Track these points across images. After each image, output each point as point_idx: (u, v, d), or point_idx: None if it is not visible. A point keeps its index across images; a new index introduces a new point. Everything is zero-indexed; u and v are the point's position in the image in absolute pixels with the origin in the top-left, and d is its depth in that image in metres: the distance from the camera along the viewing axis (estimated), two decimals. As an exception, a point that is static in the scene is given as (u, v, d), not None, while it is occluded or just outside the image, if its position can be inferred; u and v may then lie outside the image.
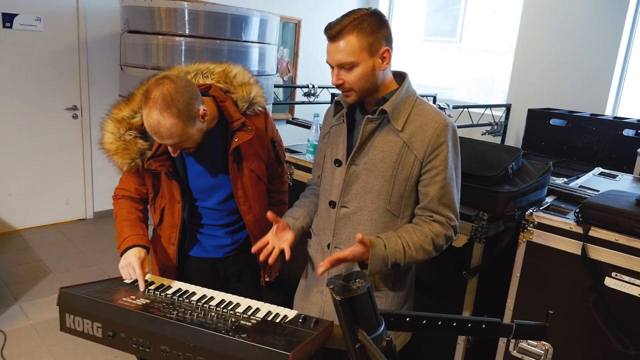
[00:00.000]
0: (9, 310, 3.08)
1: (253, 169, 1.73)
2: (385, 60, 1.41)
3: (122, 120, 1.60)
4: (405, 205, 1.50)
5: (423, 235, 1.45)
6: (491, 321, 1.09)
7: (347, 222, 1.53)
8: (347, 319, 0.91)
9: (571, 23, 4.89)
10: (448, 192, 1.45)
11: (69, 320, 1.42)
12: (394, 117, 1.44)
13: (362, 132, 1.46)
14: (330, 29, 1.39)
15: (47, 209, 4.47)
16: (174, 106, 1.42)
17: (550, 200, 2.09)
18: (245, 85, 1.70)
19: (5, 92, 4.04)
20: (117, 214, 1.76)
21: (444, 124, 1.44)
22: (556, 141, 4.29)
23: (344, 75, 1.41)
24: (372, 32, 1.37)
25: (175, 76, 1.48)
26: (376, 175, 1.47)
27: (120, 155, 1.59)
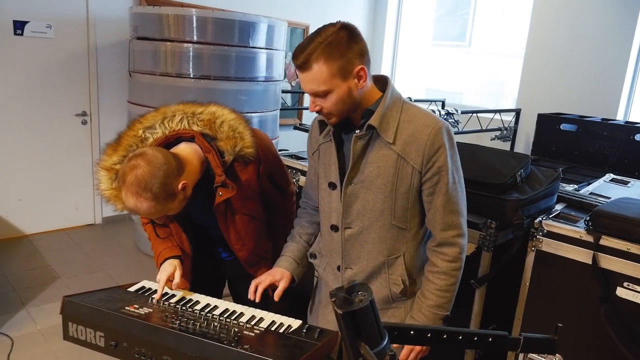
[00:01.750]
0: (16, 315, 3.10)
1: (244, 213, 1.69)
2: (361, 78, 1.34)
3: (111, 168, 1.58)
4: (411, 216, 1.46)
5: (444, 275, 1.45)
6: (498, 334, 1.07)
7: (354, 242, 1.50)
8: (349, 332, 0.89)
9: (581, 26, 4.84)
10: (452, 197, 1.42)
11: (72, 329, 1.42)
12: (382, 129, 1.38)
13: (353, 151, 1.41)
14: (296, 58, 1.32)
15: (56, 214, 4.50)
16: (148, 191, 1.40)
17: (560, 208, 2.06)
18: (230, 139, 1.60)
19: (16, 98, 4.08)
20: (149, 238, 1.78)
21: (437, 127, 1.37)
22: (566, 146, 4.24)
23: (320, 102, 1.35)
24: (341, 54, 1.29)
25: (151, 154, 1.44)
26: (375, 193, 1.42)
27: (114, 200, 1.58)
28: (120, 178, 1.45)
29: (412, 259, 1.50)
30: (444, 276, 1.45)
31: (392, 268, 1.49)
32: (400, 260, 1.49)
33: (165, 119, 1.62)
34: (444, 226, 1.43)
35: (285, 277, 1.63)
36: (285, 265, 1.65)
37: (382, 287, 1.51)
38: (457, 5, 6.43)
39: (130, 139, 1.60)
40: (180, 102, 1.68)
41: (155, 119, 1.63)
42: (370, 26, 6.72)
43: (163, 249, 1.71)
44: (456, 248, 1.44)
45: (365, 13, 6.62)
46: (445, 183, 1.40)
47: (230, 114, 1.65)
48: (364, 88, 1.37)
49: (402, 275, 1.49)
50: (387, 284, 1.50)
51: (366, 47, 1.35)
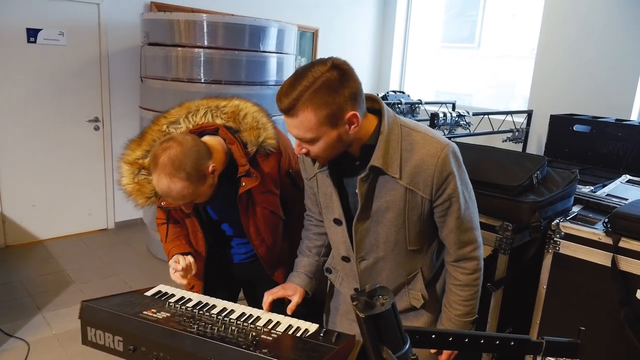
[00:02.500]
0: (32, 320, 3.12)
1: (265, 206, 1.70)
2: (352, 124, 1.23)
3: (134, 162, 1.60)
4: (426, 237, 1.45)
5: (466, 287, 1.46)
6: (521, 338, 1.05)
7: (370, 271, 1.49)
8: (372, 336, 0.88)
9: (593, 26, 4.80)
10: (465, 217, 1.39)
11: (90, 334, 1.42)
12: (387, 166, 1.30)
13: (360, 193, 1.34)
14: (280, 101, 1.20)
15: (69, 219, 4.54)
16: (182, 170, 1.41)
17: (577, 210, 2.04)
18: (254, 130, 1.63)
19: (29, 105, 4.13)
20: (162, 240, 1.79)
21: (443, 155, 1.30)
22: (580, 148, 4.19)
23: (307, 146, 1.27)
24: (331, 101, 1.17)
25: (181, 137, 1.46)
26: (387, 226, 1.39)
27: (136, 195, 1.61)
28: (151, 161, 1.45)
29: (429, 269, 1.51)
30: (466, 288, 1.46)
31: (412, 284, 1.51)
32: (419, 275, 1.49)
33: (189, 114, 1.64)
34: (461, 244, 1.42)
35: (299, 293, 1.60)
36: (298, 282, 1.62)
37: (402, 302, 1.52)
38: (466, 6, 6.41)
39: (154, 134, 1.62)
40: (203, 97, 1.71)
41: (179, 114, 1.64)
42: (379, 29, 6.72)
43: (172, 247, 1.72)
44: (474, 261, 1.45)
45: (374, 16, 6.62)
46: (457, 208, 1.36)
47: (253, 106, 1.67)
48: (344, 143, 1.27)
49: (421, 290, 1.50)
50: (407, 298, 1.51)
51: (359, 88, 1.23)
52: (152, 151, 1.48)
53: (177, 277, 1.63)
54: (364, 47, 6.63)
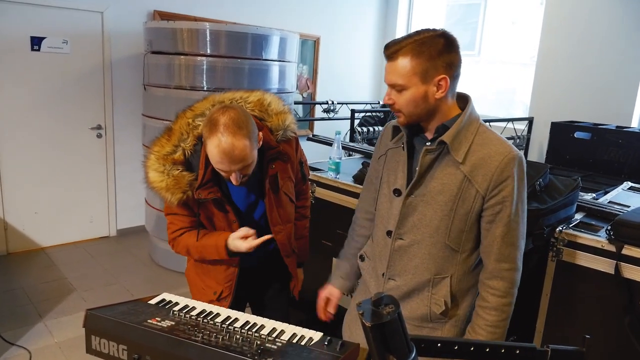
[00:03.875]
0: (34, 328, 3.11)
1: (286, 192, 1.78)
2: (441, 88, 1.31)
3: (166, 157, 1.62)
4: (465, 239, 1.41)
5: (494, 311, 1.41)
6: (526, 347, 1.05)
7: (402, 254, 1.48)
8: (378, 345, 0.89)
9: (594, 33, 4.82)
10: (512, 230, 1.37)
11: (94, 342, 1.41)
12: (454, 148, 1.34)
13: (421, 163, 1.39)
14: (387, 48, 1.34)
15: (71, 227, 4.54)
16: (244, 127, 1.48)
17: (579, 217, 2.04)
18: (281, 114, 1.73)
19: (32, 112, 4.14)
20: (189, 246, 1.75)
21: (510, 156, 1.32)
22: (581, 155, 4.21)
23: (394, 95, 1.35)
24: (430, 58, 1.28)
25: (235, 105, 1.56)
26: (435, 209, 1.39)
27: (172, 190, 1.60)
28: (210, 125, 1.49)
29: (459, 282, 1.46)
30: (494, 312, 1.40)
31: (437, 288, 1.46)
32: (446, 281, 1.45)
33: (214, 106, 1.66)
34: (499, 257, 1.38)
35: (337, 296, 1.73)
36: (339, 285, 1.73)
37: (423, 305, 1.47)
38: (467, 14, 6.45)
39: (182, 127, 1.64)
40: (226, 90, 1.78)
41: (204, 107, 1.67)
42: (380, 36, 6.75)
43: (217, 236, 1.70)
44: (507, 283, 1.39)
45: (376, 23, 6.65)
46: (507, 214, 1.35)
47: (274, 95, 1.77)
48: (441, 99, 1.34)
49: (445, 297, 1.45)
50: (428, 302, 1.47)
51: (459, 62, 1.33)
52: (208, 117, 1.52)
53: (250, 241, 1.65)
54: (366, 55, 6.66)
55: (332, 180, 2.58)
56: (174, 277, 3.96)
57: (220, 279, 1.82)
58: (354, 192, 2.47)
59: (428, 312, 1.47)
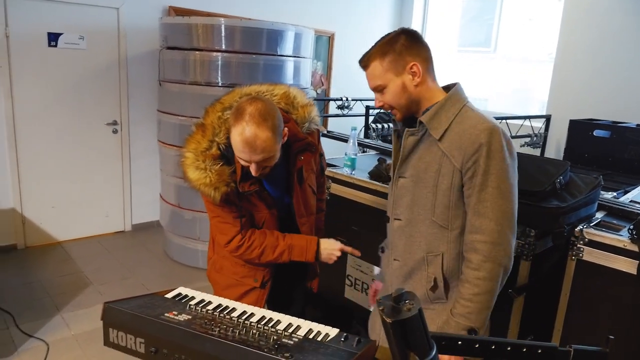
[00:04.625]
0: (51, 320, 3.15)
1: (310, 184, 1.81)
2: (415, 74, 1.41)
3: (205, 153, 1.61)
4: (453, 216, 1.43)
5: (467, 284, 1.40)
6: (548, 346, 1.03)
7: (400, 234, 1.54)
8: (399, 342, 0.87)
9: (613, 29, 4.73)
10: (485, 200, 1.36)
11: (112, 335, 1.42)
12: (432, 127, 1.41)
13: (403, 145, 1.48)
14: (360, 61, 1.47)
15: (87, 221, 4.59)
16: (269, 119, 1.49)
17: (600, 216, 2.00)
18: (307, 107, 1.76)
19: (49, 108, 4.19)
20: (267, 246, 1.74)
21: (483, 127, 1.35)
22: (600, 153, 4.14)
23: (380, 97, 1.46)
24: (395, 53, 1.40)
25: (263, 97, 1.58)
26: (421, 187, 1.46)
27: (216, 185, 1.59)
28: (236, 113, 1.51)
29: (452, 260, 1.47)
30: (467, 285, 1.40)
31: (432, 266, 1.48)
32: (438, 259, 1.47)
33: (242, 98, 1.67)
34: (471, 228, 1.39)
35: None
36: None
37: (422, 285, 1.51)
38: (483, 10, 6.37)
39: (214, 122, 1.65)
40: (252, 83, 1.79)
41: (232, 99, 1.68)
42: (395, 33, 6.70)
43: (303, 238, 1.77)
44: (480, 255, 1.38)
45: (391, 20, 6.61)
46: (479, 183, 1.36)
47: (298, 90, 1.80)
48: (421, 85, 1.42)
49: (437, 274, 1.47)
50: (425, 282, 1.50)
51: (426, 48, 1.44)
52: (236, 106, 1.54)
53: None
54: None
55: (347, 176, 2.56)
56: (188, 271, 3.98)
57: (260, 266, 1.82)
58: (369, 189, 2.46)
59: (426, 292, 1.50)
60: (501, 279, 1.41)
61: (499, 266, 1.38)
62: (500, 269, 1.39)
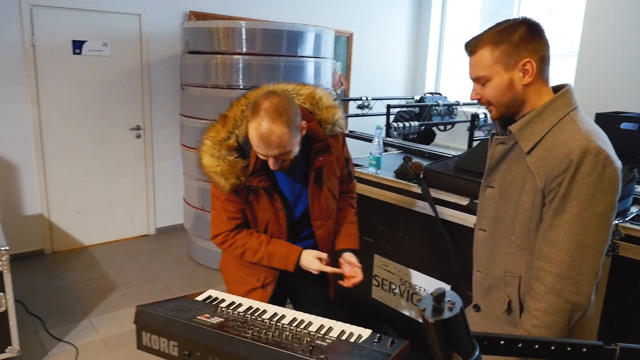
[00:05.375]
0: (80, 324, 3.19)
1: (329, 187, 1.79)
2: (527, 73, 1.25)
3: (222, 142, 1.65)
4: (533, 237, 1.30)
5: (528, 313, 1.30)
6: (593, 344, 1.00)
7: (484, 246, 1.44)
8: (442, 343, 0.85)
9: (637, 20, 4.61)
10: (558, 227, 1.21)
11: (145, 338, 1.42)
12: (523, 138, 1.27)
13: (490, 154, 1.38)
14: (467, 45, 1.32)
15: (112, 225, 4.65)
16: (285, 115, 1.50)
17: (636, 211, 1.95)
18: (331, 108, 1.75)
19: (75, 115, 4.26)
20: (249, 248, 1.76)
21: (579, 144, 1.17)
22: (628, 146, 4.04)
23: (479, 89, 1.32)
24: (510, 44, 1.24)
25: (279, 91, 1.57)
26: (506, 201, 1.35)
27: (226, 175, 1.63)
28: (253, 109, 1.52)
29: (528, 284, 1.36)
30: (527, 313, 1.31)
31: (509, 288, 1.38)
32: (515, 280, 1.36)
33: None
34: (539, 254, 1.26)
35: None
36: None
37: (500, 304, 1.41)
38: (501, 6, 6.28)
39: (236, 114, 1.68)
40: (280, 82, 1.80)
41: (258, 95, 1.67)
42: (414, 31, 6.66)
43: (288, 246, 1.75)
44: (542, 285, 1.24)
45: (409, 18, 6.56)
46: (555, 207, 1.21)
47: (325, 91, 1.79)
48: (530, 85, 1.27)
49: (513, 297, 1.37)
50: (503, 301, 1.40)
51: (546, 46, 1.28)
52: (253, 101, 1.55)
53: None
54: (399, 50, 6.58)
55: (373, 175, 2.54)
56: (212, 274, 4.00)
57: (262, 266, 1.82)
58: (395, 187, 2.43)
59: (503, 311, 1.41)
60: (570, 316, 1.24)
61: (565, 302, 1.23)
62: (567, 305, 1.23)
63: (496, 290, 1.42)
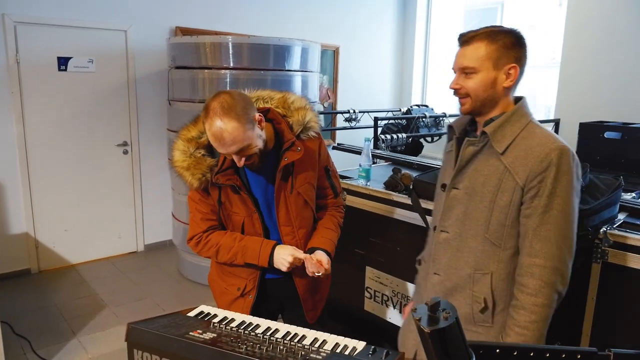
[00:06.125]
0: (68, 344, 3.13)
1: (300, 192, 1.75)
2: (510, 77, 1.35)
3: (191, 140, 1.68)
4: (508, 235, 1.38)
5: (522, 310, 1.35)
6: (587, 351, 1.01)
7: (446, 247, 1.48)
8: (438, 352, 0.85)
9: (618, 29, 4.72)
10: (548, 223, 1.31)
11: (137, 356, 1.40)
12: (496, 139, 1.36)
13: (462, 155, 1.42)
14: (463, 35, 1.38)
15: (100, 243, 4.59)
16: (232, 111, 1.50)
17: (622, 217, 1.97)
18: (301, 110, 1.75)
19: (60, 132, 4.22)
20: (222, 245, 1.75)
21: (553, 147, 1.30)
22: (611, 155, 4.11)
23: (462, 81, 1.38)
24: (504, 46, 1.34)
25: (230, 90, 1.60)
26: (477, 201, 1.40)
27: (192, 171, 1.66)
28: (204, 110, 1.55)
29: (502, 281, 1.41)
30: (522, 311, 1.34)
31: (478, 285, 1.43)
32: (487, 278, 1.41)
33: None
34: (531, 251, 1.33)
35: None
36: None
37: (466, 304, 1.45)
38: (484, 19, 6.40)
39: None
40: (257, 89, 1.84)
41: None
42: (399, 44, 6.74)
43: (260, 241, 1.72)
44: (538, 280, 1.32)
45: (394, 31, 6.65)
46: (542, 205, 1.31)
47: (298, 95, 1.81)
48: (506, 90, 1.37)
49: (486, 295, 1.42)
50: (470, 300, 1.45)
51: (526, 59, 1.38)
52: (205, 104, 1.56)
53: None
54: (386, 63, 6.65)
55: (363, 187, 2.55)
56: (202, 290, 3.96)
57: (244, 274, 1.81)
58: (385, 199, 2.44)
59: (471, 312, 1.45)
60: (555, 305, 1.36)
61: (555, 293, 1.34)
62: (556, 295, 1.34)
63: (460, 291, 1.45)
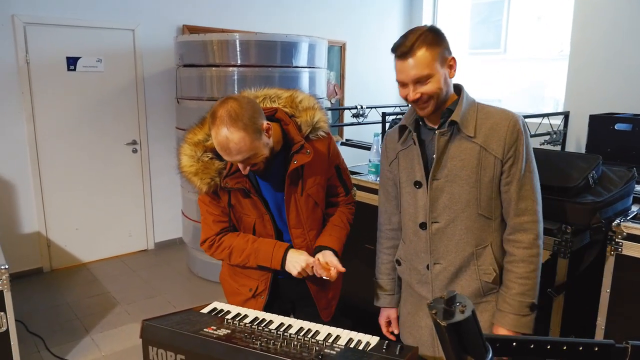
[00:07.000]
0: (81, 342, 3.16)
1: (310, 194, 1.72)
2: (452, 68, 1.44)
3: (198, 144, 1.65)
4: (495, 205, 1.49)
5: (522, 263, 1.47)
6: (605, 343, 1.00)
7: (441, 236, 1.53)
8: (454, 346, 0.85)
9: (627, 19, 4.67)
10: (526, 183, 1.45)
11: (152, 353, 1.41)
12: (464, 125, 1.45)
13: (437, 147, 1.47)
14: (399, 47, 1.41)
15: (111, 241, 4.62)
16: (239, 120, 1.46)
17: (636, 209, 1.96)
18: (310, 110, 1.71)
19: (70, 131, 4.25)
20: (235, 247, 1.74)
21: (515, 119, 1.44)
22: (622, 147, 4.06)
23: (420, 88, 1.42)
24: (438, 44, 1.41)
25: (238, 95, 1.55)
26: (460, 185, 1.47)
27: (200, 175, 1.63)
28: (210, 117, 1.51)
29: (500, 248, 1.52)
30: (522, 264, 1.46)
31: (482, 259, 1.51)
32: (488, 250, 1.51)
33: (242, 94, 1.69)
34: (517, 212, 1.46)
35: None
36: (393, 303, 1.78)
37: (473, 280, 1.52)
38: (491, 12, 6.35)
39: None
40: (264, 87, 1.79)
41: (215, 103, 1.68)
42: (405, 39, 6.70)
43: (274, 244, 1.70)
44: (530, 235, 1.46)
45: (401, 27, 6.62)
46: (519, 169, 1.44)
47: (307, 94, 1.77)
48: (450, 82, 1.46)
49: (492, 264, 1.51)
50: (477, 275, 1.52)
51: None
52: (211, 109, 1.53)
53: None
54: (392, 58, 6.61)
55: (373, 182, 2.54)
56: (213, 287, 3.98)
57: (255, 275, 1.79)
58: (395, 194, 2.43)
59: (480, 286, 1.52)
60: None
61: (541, 240, 1.49)
62: (541, 242, 1.49)
63: (464, 270, 1.53)
